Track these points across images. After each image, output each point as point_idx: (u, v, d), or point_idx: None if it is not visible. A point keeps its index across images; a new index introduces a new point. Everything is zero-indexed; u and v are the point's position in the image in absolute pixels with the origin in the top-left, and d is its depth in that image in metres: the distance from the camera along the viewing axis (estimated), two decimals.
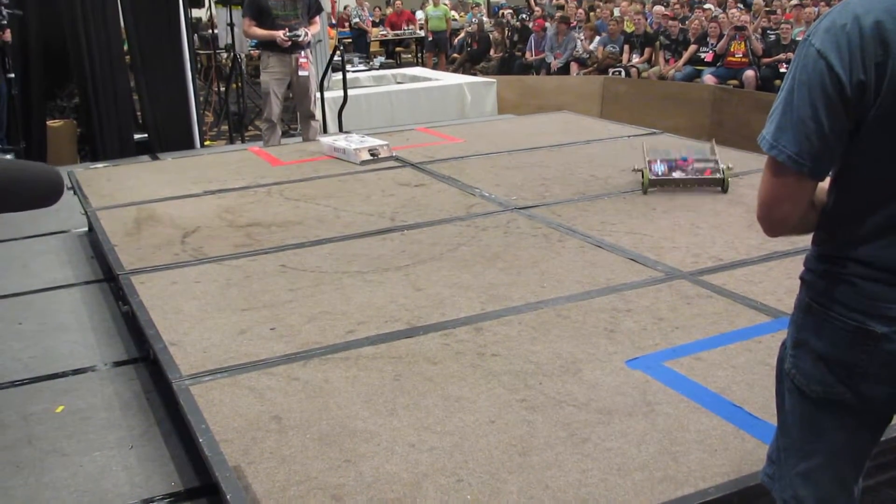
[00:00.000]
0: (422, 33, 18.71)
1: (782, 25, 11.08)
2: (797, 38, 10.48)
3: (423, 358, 3.11)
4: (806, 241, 1.74)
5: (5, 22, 7.14)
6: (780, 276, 3.75)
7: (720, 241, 4.23)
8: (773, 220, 1.66)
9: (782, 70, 10.27)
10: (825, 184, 1.65)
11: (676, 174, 5.07)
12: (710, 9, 13.81)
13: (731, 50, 11.06)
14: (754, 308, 3.44)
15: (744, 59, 10.95)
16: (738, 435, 2.55)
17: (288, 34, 7.20)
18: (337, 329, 3.39)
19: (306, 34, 7.35)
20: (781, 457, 1.83)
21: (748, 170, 5.40)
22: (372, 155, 6.09)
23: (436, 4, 18.37)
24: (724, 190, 5.00)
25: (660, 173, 5.08)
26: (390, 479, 2.39)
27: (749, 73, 10.72)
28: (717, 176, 5.02)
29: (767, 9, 13.54)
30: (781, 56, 10.64)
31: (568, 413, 2.70)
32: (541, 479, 2.36)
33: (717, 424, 2.61)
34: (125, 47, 9.15)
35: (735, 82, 10.85)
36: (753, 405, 2.69)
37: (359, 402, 2.82)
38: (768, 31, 11.37)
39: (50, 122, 8.55)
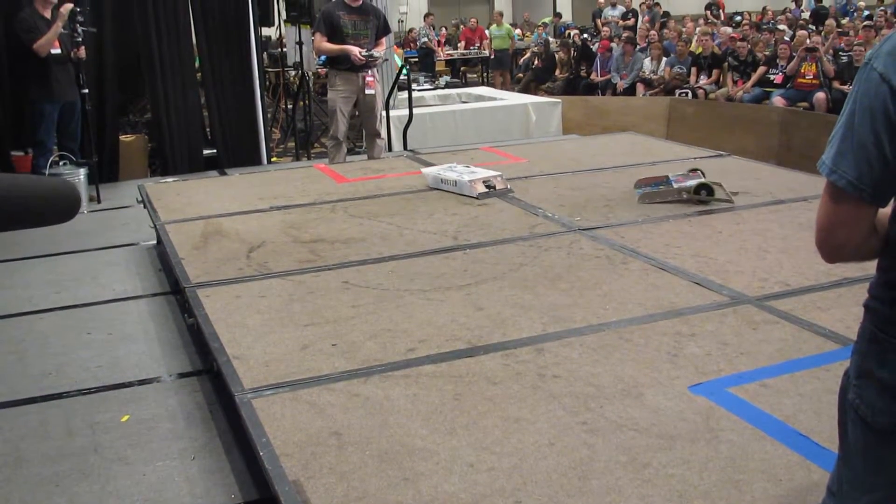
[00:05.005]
0: (486, 53, 18.79)
1: (855, 47, 10.88)
2: None
3: (484, 378, 3.10)
4: (875, 265, 1.70)
5: (80, 39, 7.33)
6: (849, 302, 3.66)
7: (788, 266, 4.15)
8: (831, 247, 1.63)
9: None
10: (888, 209, 1.62)
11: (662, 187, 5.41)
12: (783, 29, 13.64)
13: (802, 71, 10.88)
14: (822, 335, 3.37)
15: (814, 81, 10.76)
16: (803, 465, 2.49)
17: (364, 53, 7.27)
18: (398, 346, 3.40)
19: (381, 53, 7.44)
20: (844, 489, 1.78)
21: (817, 193, 5.27)
22: (488, 187, 5.66)
23: (499, 24, 18.45)
24: (700, 193, 5.23)
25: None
26: (448, 499, 2.38)
27: (820, 95, 10.54)
28: (691, 184, 5.29)
29: (840, 30, 13.32)
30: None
31: (629, 437, 2.67)
32: None
33: (783, 453, 2.55)
34: (197, 64, 9.34)
35: (805, 104, 10.66)
36: (820, 435, 2.63)
37: (418, 420, 2.82)
38: (840, 53, 11.17)
39: (122, 137, 8.75)
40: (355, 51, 7.24)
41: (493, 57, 18.20)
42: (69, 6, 7.17)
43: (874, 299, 1.66)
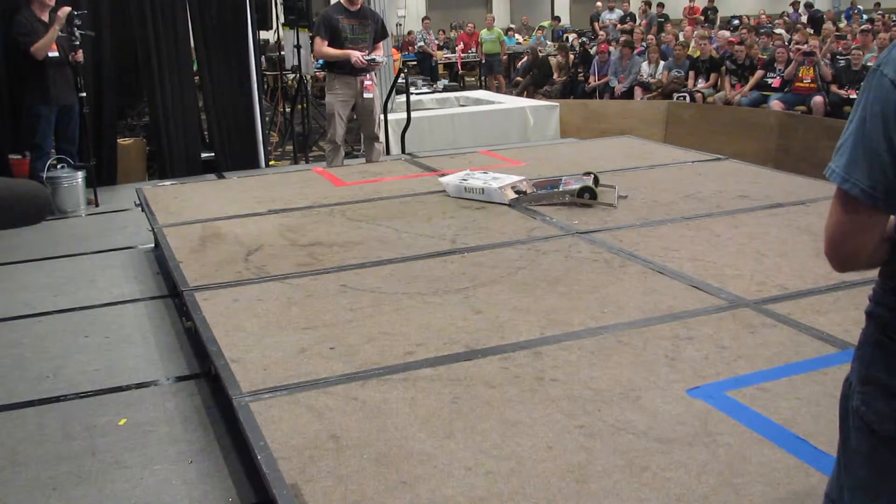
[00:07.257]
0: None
1: (853, 51, 10.88)
2: (868, 64, 10.28)
3: (482, 381, 3.09)
4: (874, 271, 1.69)
5: (78, 42, 7.32)
6: (847, 306, 3.67)
7: (786, 270, 4.15)
8: (844, 256, 1.60)
9: (853, 96, 10.06)
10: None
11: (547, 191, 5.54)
12: (780, 33, 13.65)
13: (800, 75, 10.89)
14: (820, 339, 3.37)
15: (812, 85, 10.77)
16: (802, 469, 2.49)
17: (366, 57, 7.28)
18: (396, 350, 3.39)
19: (382, 58, 7.45)
20: (845, 496, 1.77)
21: (815, 197, 5.31)
22: (517, 192, 5.56)
23: (490, 28, 18.47)
24: (583, 196, 5.39)
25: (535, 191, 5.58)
26: (446, 503, 2.38)
27: (817, 99, 10.54)
28: (575, 187, 5.44)
29: (837, 33, 13.32)
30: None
31: (627, 441, 2.67)
32: None
33: (781, 457, 2.55)
34: (195, 68, 9.34)
35: (803, 108, 10.67)
36: (819, 438, 2.63)
37: (416, 423, 2.82)
38: (838, 57, 11.17)
39: (120, 141, 8.74)
40: (356, 54, 7.25)
41: (483, 61, 18.23)
42: (67, 9, 7.16)
43: (879, 306, 1.64)
